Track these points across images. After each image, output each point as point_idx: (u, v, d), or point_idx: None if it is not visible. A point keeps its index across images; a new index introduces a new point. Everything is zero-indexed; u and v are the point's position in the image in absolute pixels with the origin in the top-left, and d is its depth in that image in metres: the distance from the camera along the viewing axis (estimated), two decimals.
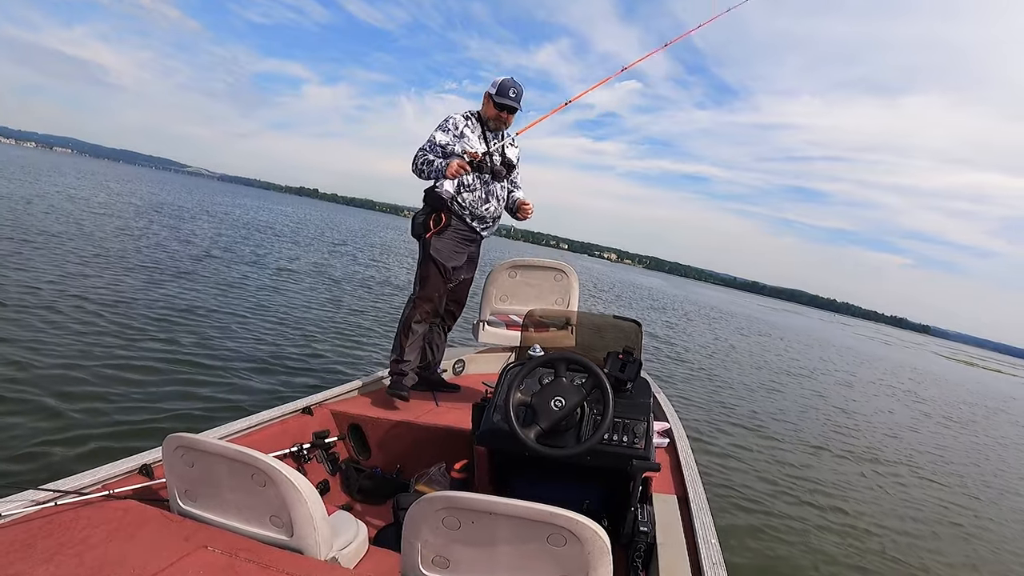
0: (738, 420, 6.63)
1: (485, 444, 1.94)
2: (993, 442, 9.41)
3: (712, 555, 1.53)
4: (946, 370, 29.05)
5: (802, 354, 17.66)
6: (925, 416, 10.58)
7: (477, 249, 3.03)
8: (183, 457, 1.36)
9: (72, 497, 1.37)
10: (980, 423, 11.45)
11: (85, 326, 5.00)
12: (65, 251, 8.24)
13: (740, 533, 3.59)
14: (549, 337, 2.65)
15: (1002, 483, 6.62)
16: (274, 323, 6.69)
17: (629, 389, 1.95)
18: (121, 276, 7.43)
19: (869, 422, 8.60)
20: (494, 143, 2.86)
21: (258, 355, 5.29)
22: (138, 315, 5.70)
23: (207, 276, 8.76)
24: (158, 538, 1.27)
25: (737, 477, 4.62)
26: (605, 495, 1.92)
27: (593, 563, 1.10)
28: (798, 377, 11.90)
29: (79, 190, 21.76)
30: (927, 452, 7.36)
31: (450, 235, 2.85)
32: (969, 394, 17.70)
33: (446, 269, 2.85)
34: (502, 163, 2.87)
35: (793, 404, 8.61)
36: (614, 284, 37.40)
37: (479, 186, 2.83)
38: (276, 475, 1.26)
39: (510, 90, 2.75)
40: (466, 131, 2.80)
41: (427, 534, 1.19)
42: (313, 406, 2.42)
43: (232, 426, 2.01)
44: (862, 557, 3.63)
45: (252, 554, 1.24)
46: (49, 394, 3.57)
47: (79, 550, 1.19)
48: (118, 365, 4.25)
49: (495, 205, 2.90)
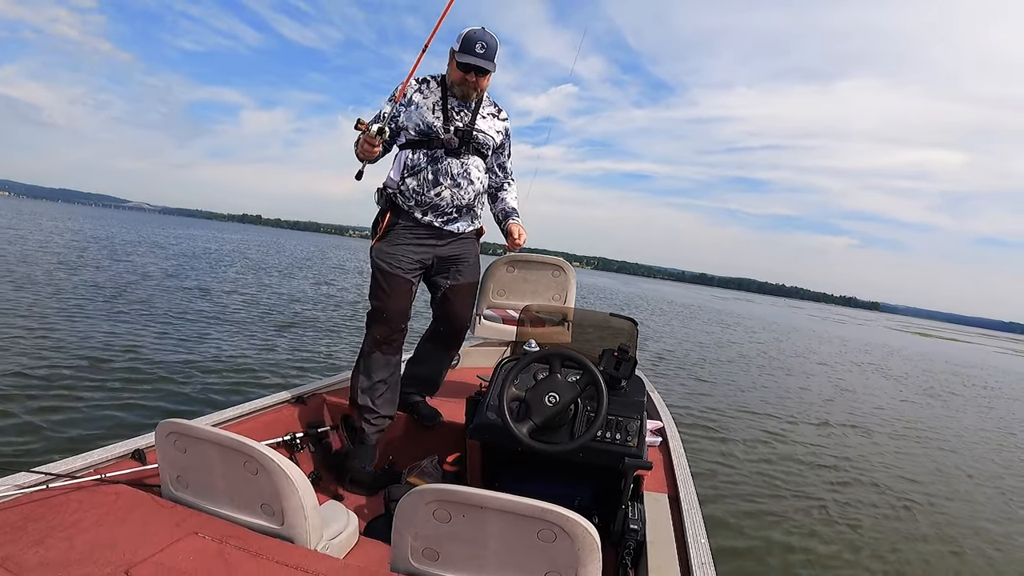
0: (724, 411, 6.66)
1: (478, 438, 1.94)
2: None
3: (701, 554, 1.53)
4: (910, 343, 30.10)
5: (770, 340, 18.03)
6: (928, 396, 10.59)
7: (460, 248, 2.34)
8: (176, 443, 1.35)
9: (64, 480, 1.37)
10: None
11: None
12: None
13: (732, 533, 3.61)
14: (545, 333, 2.65)
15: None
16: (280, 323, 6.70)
17: (623, 387, 1.96)
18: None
19: (859, 405, 8.66)
20: (460, 112, 2.21)
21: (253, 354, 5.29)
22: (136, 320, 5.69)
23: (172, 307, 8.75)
24: (149, 523, 1.27)
25: (732, 476, 4.64)
26: (596, 492, 1.93)
27: (582, 560, 1.11)
28: (774, 364, 12.03)
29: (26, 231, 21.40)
30: (932, 439, 7.38)
31: (399, 236, 2.23)
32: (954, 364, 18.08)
33: (397, 280, 2.22)
34: (456, 133, 2.17)
35: (776, 392, 8.66)
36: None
37: (424, 163, 2.17)
38: (268, 463, 1.26)
39: (476, 44, 2.10)
40: (416, 97, 2.18)
41: (418, 526, 1.19)
42: (307, 396, 2.42)
43: (225, 413, 2.01)
44: (855, 553, 3.65)
45: (242, 541, 1.24)
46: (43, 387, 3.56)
47: (70, 533, 1.18)
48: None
49: (450, 190, 2.19)
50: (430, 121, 2.16)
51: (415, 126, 2.16)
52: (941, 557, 3.82)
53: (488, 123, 2.29)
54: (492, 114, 2.32)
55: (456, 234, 2.31)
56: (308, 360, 5.86)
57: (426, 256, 2.27)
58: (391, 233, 2.23)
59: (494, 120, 2.32)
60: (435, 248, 2.28)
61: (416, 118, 2.16)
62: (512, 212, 2.47)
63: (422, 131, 2.17)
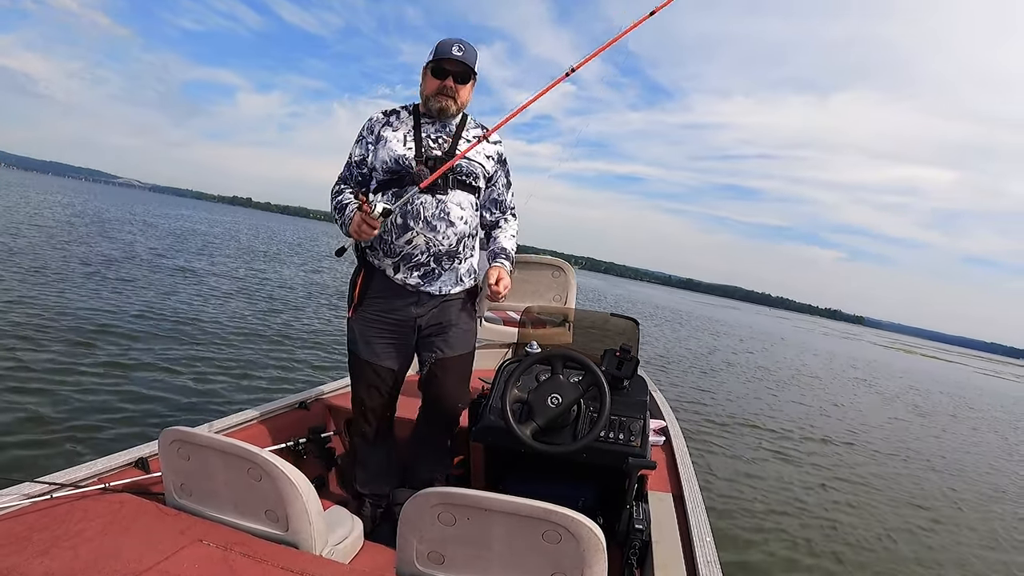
0: (717, 418, 6.67)
1: (481, 440, 1.94)
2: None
3: (707, 553, 1.53)
4: (894, 359, 30.47)
5: (762, 349, 18.16)
6: (920, 416, 10.66)
7: (445, 315, 1.90)
8: (179, 451, 1.35)
9: (68, 490, 1.37)
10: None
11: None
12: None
13: (736, 531, 3.61)
14: (546, 334, 2.65)
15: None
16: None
17: (626, 387, 1.95)
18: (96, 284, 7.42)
19: (851, 415, 8.73)
20: (437, 139, 1.83)
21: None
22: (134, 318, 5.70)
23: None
24: (153, 532, 1.27)
25: (733, 475, 4.64)
26: (601, 492, 1.92)
27: (588, 560, 1.11)
28: (764, 374, 12.06)
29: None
30: (923, 448, 7.41)
31: (373, 304, 1.87)
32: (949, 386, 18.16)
33: (373, 371, 1.89)
34: (429, 164, 1.77)
35: (764, 402, 8.68)
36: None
37: (393, 205, 1.74)
38: (272, 469, 1.26)
39: (452, 46, 1.76)
40: (385, 132, 1.83)
41: (422, 530, 1.19)
42: (309, 401, 2.42)
43: (228, 420, 2.01)
44: (858, 553, 3.65)
45: (247, 548, 1.24)
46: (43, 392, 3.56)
47: (74, 543, 1.18)
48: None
49: (423, 235, 1.78)
50: (399, 154, 1.79)
51: (382, 163, 1.81)
52: (945, 549, 3.82)
53: (478, 149, 1.86)
54: (479, 137, 1.89)
55: (437, 296, 1.88)
56: (311, 363, 5.86)
57: (406, 330, 1.89)
58: (366, 301, 1.88)
59: (482, 144, 1.88)
60: (415, 317, 1.87)
61: (384, 154, 1.81)
62: (499, 253, 1.98)
63: (391, 168, 1.80)
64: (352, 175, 1.91)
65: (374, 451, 2.04)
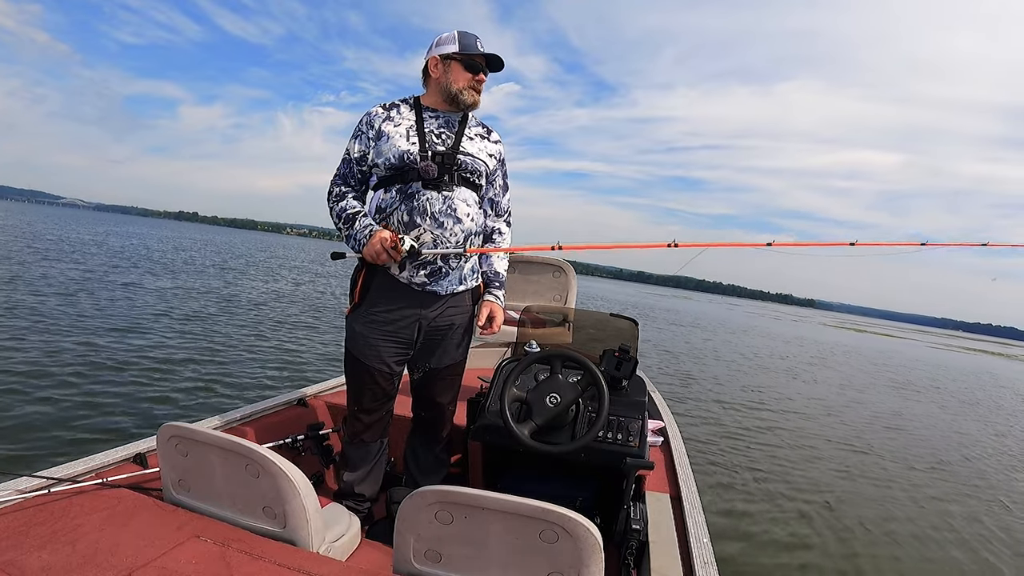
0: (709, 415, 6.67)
1: (480, 439, 1.94)
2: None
3: (704, 554, 1.53)
4: (858, 342, 30.64)
5: (731, 340, 18.11)
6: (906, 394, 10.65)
7: (450, 316, 1.88)
8: (177, 446, 1.36)
9: (66, 485, 1.37)
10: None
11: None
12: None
13: (733, 532, 3.61)
14: (546, 333, 2.65)
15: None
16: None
17: (624, 387, 1.96)
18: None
19: (815, 402, 8.71)
20: (441, 135, 1.81)
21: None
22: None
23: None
24: (151, 527, 1.27)
25: (732, 475, 4.64)
26: (598, 492, 1.92)
27: (585, 560, 1.11)
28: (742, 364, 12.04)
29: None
30: (921, 440, 7.40)
31: (376, 304, 1.82)
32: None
33: (372, 374, 1.85)
34: (436, 160, 1.75)
35: (748, 389, 8.68)
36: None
37: (397, 202, 1.75)
38: (270, 466, 1.26)
39: (476, 40, 1.80)
40: (386, 127, 1.79)
41: (420, 528, 1.19)
42: (308, 398, 2.42)
43: (226, 416, 2.02)
44: (856, 555, 3.64)
45: (244, 544, 1.24)
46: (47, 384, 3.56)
47: (72, 538, 1.19)
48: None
49: (431, 232, 1.74)
50: (403, 149, 1.74)
51: (386, 160, 1.76)
52: (942, 547, 3.82)
53: (477, 145, 1.84)
54: (481, 135, 1.88)
55: (443, 296, 1.84)
56: (307, 361, 5.87)
57: (410, 332, 1.84)
58: (367, 300, 1.82)
59: (484, 142, 1.87)
60: (420, 318, 1.83)
61: (387, 151, 1.76)
62: (492, 280, 1.99)
63: (394, 164, 1.76)
64: (352, 172, 1.85)
65: (365, 451, 1.97)
